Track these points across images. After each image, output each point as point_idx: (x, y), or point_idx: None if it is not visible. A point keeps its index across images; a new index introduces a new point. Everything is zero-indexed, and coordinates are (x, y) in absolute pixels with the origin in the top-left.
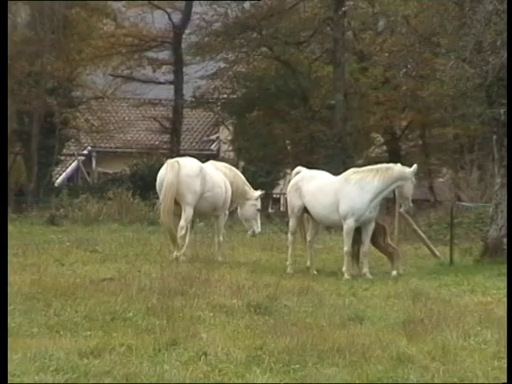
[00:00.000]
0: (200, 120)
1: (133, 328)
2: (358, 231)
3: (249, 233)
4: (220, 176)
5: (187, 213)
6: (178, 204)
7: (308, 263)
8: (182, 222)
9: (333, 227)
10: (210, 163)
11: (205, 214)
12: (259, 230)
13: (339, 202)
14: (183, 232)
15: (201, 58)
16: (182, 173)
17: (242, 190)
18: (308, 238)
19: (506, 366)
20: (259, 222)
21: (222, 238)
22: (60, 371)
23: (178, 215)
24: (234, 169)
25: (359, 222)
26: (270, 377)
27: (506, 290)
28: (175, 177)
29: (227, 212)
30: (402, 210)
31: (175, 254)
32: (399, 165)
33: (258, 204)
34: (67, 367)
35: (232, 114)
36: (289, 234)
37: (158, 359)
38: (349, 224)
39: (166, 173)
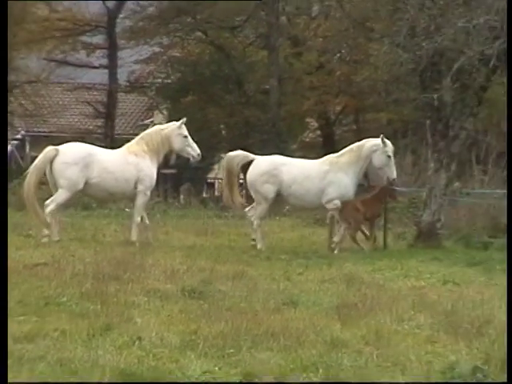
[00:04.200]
0: (134, 104)
1: (67, 313)
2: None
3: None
4: (121, 160)
5: (58, 195)
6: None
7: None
8: (48, 201)
9: (312, 210)
10: (125, 146)
11: (103, 199)
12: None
13: (326, 187)
14: (48, 210)
15: (135, 42)
16: (58, 160)
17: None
18: (258, 222)
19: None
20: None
21: (138, 219)
22: None
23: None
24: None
25: None
26: (205, 361)
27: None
28: (43, 163)
29: (148, 193)
30: None
31: (45, 231)
32: (370, 139)
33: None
34: None
35: (166, 98)
36: (256, 220)
37: (92, 344)
38: (336, 204)
39: (37, 159)
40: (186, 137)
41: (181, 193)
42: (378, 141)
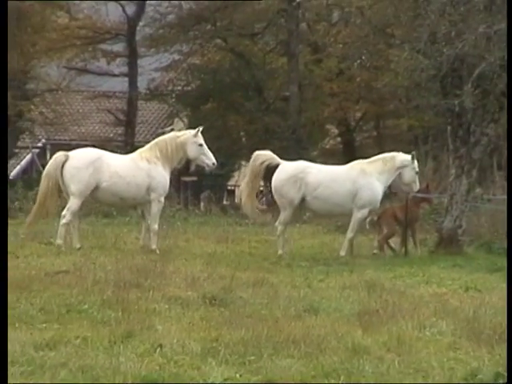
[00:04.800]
0: (154, 112)
1: (88, 320)
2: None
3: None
4: (132, 165)
5: (71, 203)
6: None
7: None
8: (65, 211)
9: (336, 216)
10: (138, 152)
11: (114, 204)
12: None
13: (357, 191)
14: (63, 221)
15: (155, 50)
16: (68, 164)
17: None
18: (281, 228)
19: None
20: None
21: (156, 226)
22: (15, 364)
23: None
24: (162, 140)
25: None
26: (226, 368)
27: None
28: (55, 169)
29: (162, 199)
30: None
31: (58, 241)
32: (400, 153)
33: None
34: (23, 360)
35: (186, 106)
36: (280, 225)
37: (114, 351)
38: (363, 213)
39: (48, 165)
40: (201, 145)
41: (201, 200)
42: (408, 157)
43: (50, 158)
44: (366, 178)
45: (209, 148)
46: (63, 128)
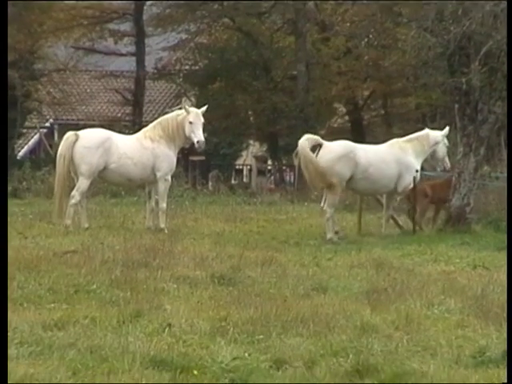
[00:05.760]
0: (162, 92)
1: (96, 300)
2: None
3: None
4: (138, 145)
5: (80, 183)
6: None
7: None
8: (74, 192)
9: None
10: (142, 131)
11: (121, 184)
12: None
13: (403, 172)
14: (73, 201)
15: (162, 29)
16: (79, 144)
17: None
18: (331, 211)
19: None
20: None
21: (164, 205)
22: (24, 344)
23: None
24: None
25: None
26: (235, 347)
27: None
28: (67, 149)
29: (168, 177)
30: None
31: (66, 221)
32: (432, 131)
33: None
34: (31, 340)
35: (194, 85)
36: (329, 208)
37: (122, 331)
38: (403, 193)
39: (60, 145)
40: (191, 123)
41: (209, 179)
42: (439, 133)
43: (58, 137)
44: (408, 158)
45: (217, 127)
46: (71, 108)
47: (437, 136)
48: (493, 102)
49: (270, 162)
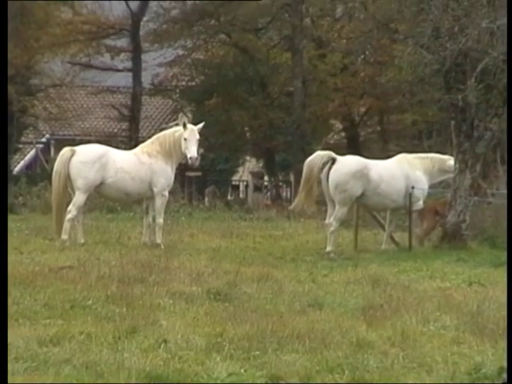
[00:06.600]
0: (159, 107)
1: (92, 316)
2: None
3: None
4: (135, 160)
5: (77, 198)
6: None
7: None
8: (70, 206)
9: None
10: (140, 146)
11: (118, 199)
12: None
13: (409, 188)
14: (69, 216)
15: (159, 45)
16: (75, 159)
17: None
18: (336, 225)
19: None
20: None
21: (161, 221)
22: (19, 359)
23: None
24: (164, 134)
25: None
26: (230, 363)
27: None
28: (63, 165)
29: (166, 193)
30: None
31: (63, 236)
32: (448, 157)
33: None
34: (26, 355)
35: (190, 101)
36: (335, 222)
37: (118, 347)
38: (419, 206)
39: (56, 162)
40: (185, 139)
41: (206, 195)
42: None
43: (54, 153)
44: (416, 172)
45: (213, 143)
46: (67, 123)
47: (452, 165)
48: (489, 119)
49: (266, 178)
